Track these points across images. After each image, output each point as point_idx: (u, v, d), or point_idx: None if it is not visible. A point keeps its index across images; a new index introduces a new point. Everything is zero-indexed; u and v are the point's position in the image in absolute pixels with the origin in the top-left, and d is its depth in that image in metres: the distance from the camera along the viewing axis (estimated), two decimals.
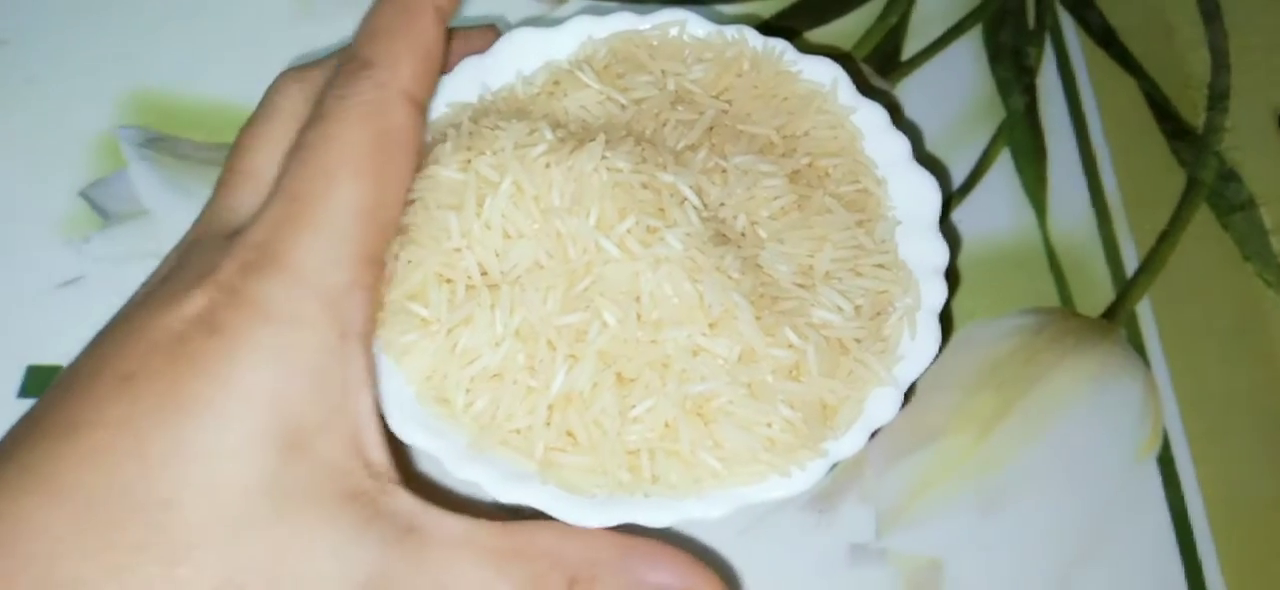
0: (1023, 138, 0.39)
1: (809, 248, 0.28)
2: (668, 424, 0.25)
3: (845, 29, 0.41)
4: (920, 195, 0.30)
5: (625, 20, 0.31)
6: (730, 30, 0.31)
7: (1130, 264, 0.36)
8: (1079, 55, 0.40)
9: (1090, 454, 0.33)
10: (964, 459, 0.33)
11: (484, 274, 0.26)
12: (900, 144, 0.30)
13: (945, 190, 0.37)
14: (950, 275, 0.29)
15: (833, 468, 0.26)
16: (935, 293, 0.28)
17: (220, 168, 0.36)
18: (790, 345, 0.26)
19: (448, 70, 0.30)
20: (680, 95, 0.30)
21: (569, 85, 0.30)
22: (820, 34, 0.40)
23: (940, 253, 0.29)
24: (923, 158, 0.33)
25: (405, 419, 0.25)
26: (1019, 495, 0.32)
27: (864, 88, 0.31)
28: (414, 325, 0.26)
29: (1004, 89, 0.39)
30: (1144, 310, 0.36)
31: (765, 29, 0.31)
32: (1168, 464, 0.33)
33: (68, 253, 0.35)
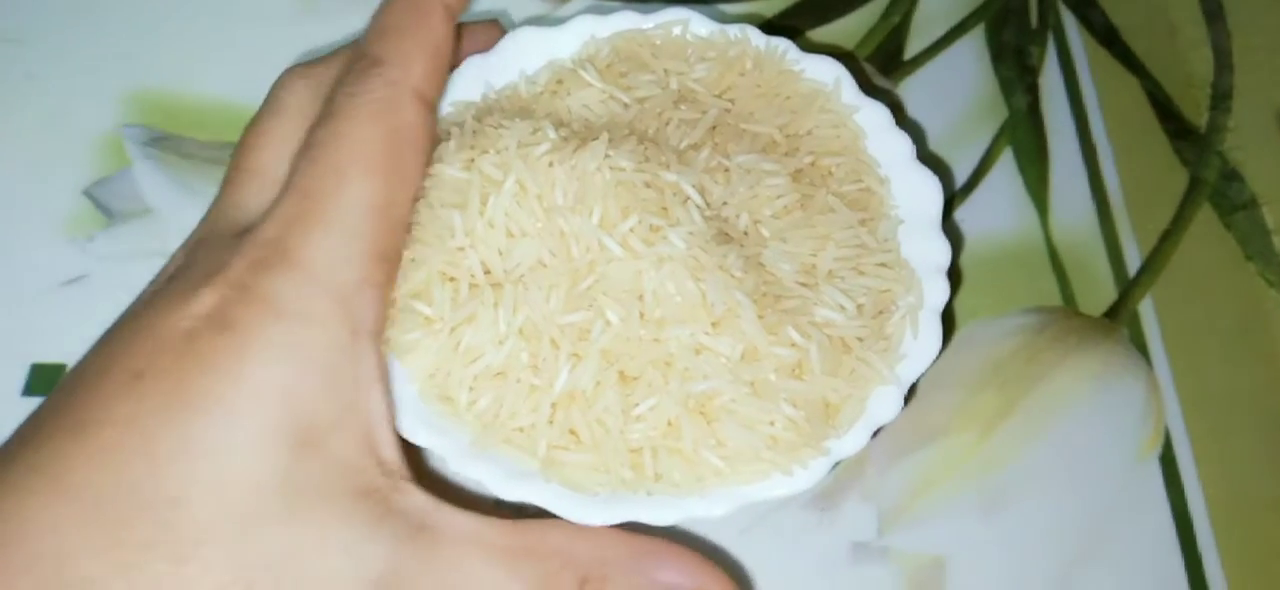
0: (1025, 137, 0.39)
1: (812, 247, 0.28)
2: (670, 422, 0.25)
3: (848, 28, 0.41)
4: (923, 194, 0.30)
5: (628, 19, 0.31)
6: (733, 29, 0.31)
7: (1132, 263, 0.36)
8: (1081, 54, 0.40)
9: (1092, 453, 0.33)
10: (966, 458, 0.33)
11: (487, 272, 0.26)
12: (903, 143, 0.30)
13: (948, 189, 0.37)
14: (952, 274, 0.29)
15: (835, 466, 0.26)
16: (937, 292, 0.28)
17: (224, 166, 0.36)
18: (793, 344, 0.26)
19: (455, 67, 0.30)
20: (683, 94, 0.30)
21: (572, 84, 0.30)
22: (823, 33, 0.40)
23: (942, 252, 0.29)
24: (925, 157, 0.33)
25: (408, 417, 0.25)
26: (1021, 494, 0.32)
27: (866, 87, 0.31)
28: (417, 323, 0.26)
29: (1006, 88, 0.39)
30: (1146, 310, 0.36)
31: (768, 28, 0.31)
32: (1170, 463, 0.33)
33: (72, 251, 0.35)
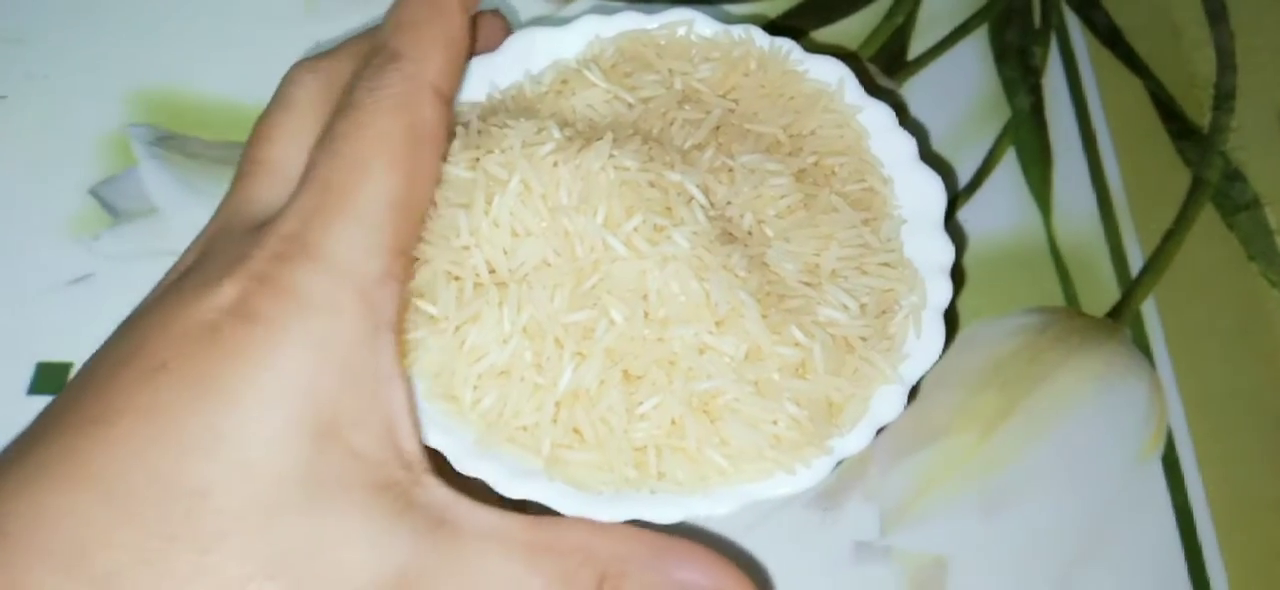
0: (1028, 137, 0.39)
1: (815, 246, 0.28)
2: (674, 421, 0.25)
3: (851, 29, 0.41)
4: (926, 194, 0.30)
5: (632, 19, 0.31)
6: (737, 30, 0.31)
7: (1135, 263, 0.36)
8: (1085, 55, 0.40)
9: (1094, 453, 0.33)
10: (968, 457, 0.33)
11: (492, 272, 0.26)
12: (906, 143, 0.30)
13: (951, 189, 0.37)
14: (955, 274, 0.29)
15: (838, 465, 0.26)
16: (940, 291, 0.28)
17: (230, 166, 0.36)
18: (796, 343, 0.26)
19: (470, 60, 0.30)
20: (687, 94, 0.30)
21: (577, 84, 0.30)
22: (827, 33, 0.40)
23: (946, 251, 0.29)
24: (928, 157, 0.33)
25: None
26: (1023, 494, 0.32)
27: (870, 87, 0.31)
28: (422, 322, 0.26)
29: (1010, 89, 0.40)
30: (1149, 310, 0.36)
31: (772, 28, 0.32)
32: (1172, 464, 0.33)
33: (78, 250, 0.35)
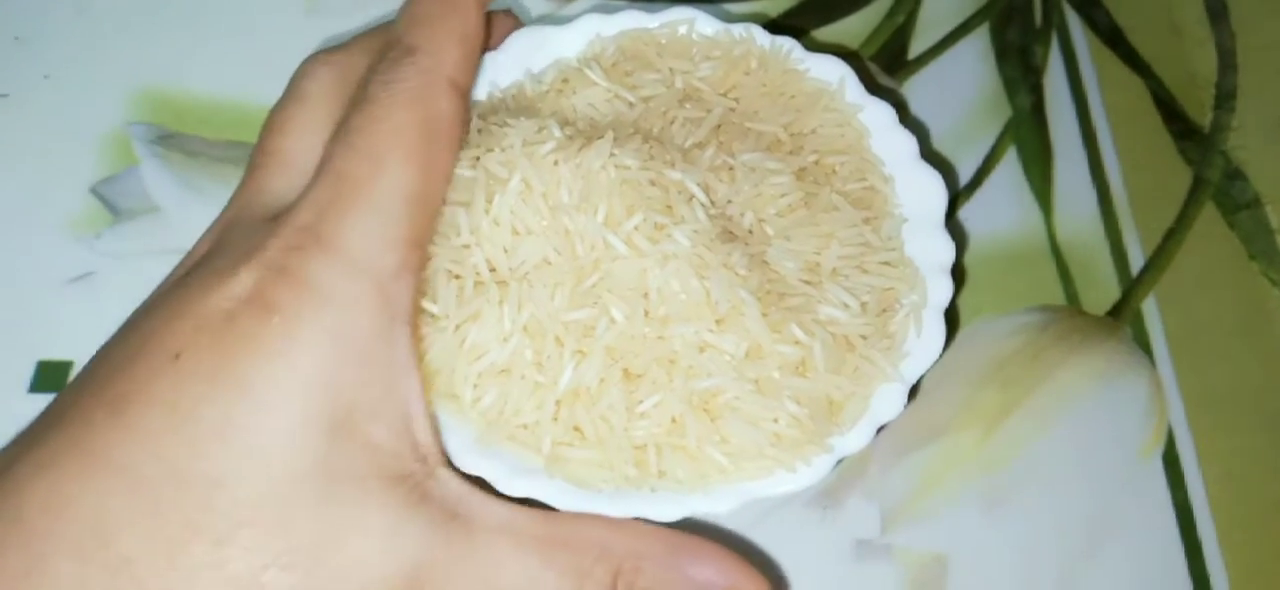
0: (1029, 136, 0.39)
1: (816, 245, 0.28)
2: (674, 419, 0.25)
3: (852, 27, 0.41)
4: (927, 193, 0.30)
5: (633, 18, 0.31)
6: (738, 28, 0.31)
7: (1136, 262, 0.36)
8: (1086, 54, 0.40)
9: (1095, 452, 0.33)
10: (969, 456, 0.33)
11: (492, 270, 0.26)
12: (907, 142, 0.30)
13: (952, 188, 0.37)
14: (956, 273, 0.29)
15: (838, 463, 0.26)
16: (941, 290, 0.28)
17: (232, 165, 0.37)
18: (797, 341, 0.26)
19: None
20: (688, 93, 0.30)
21: (577, 83, 0.30)
22: (827, 32, 0.40)
23: (946, 250, 0.29)
24: (929, 155, 0.33)
25: None
26: (1023, 493, 0.32)
27: (871, 86, 0.31)
28: (422, 320, 0.26)
29: (1011, 87, 0.40)
30: (1149, 308, 0.36)
31: (773, 27, 0.32)
32: (1172, 462, 0.33)
33: (79, 249, 0.35)
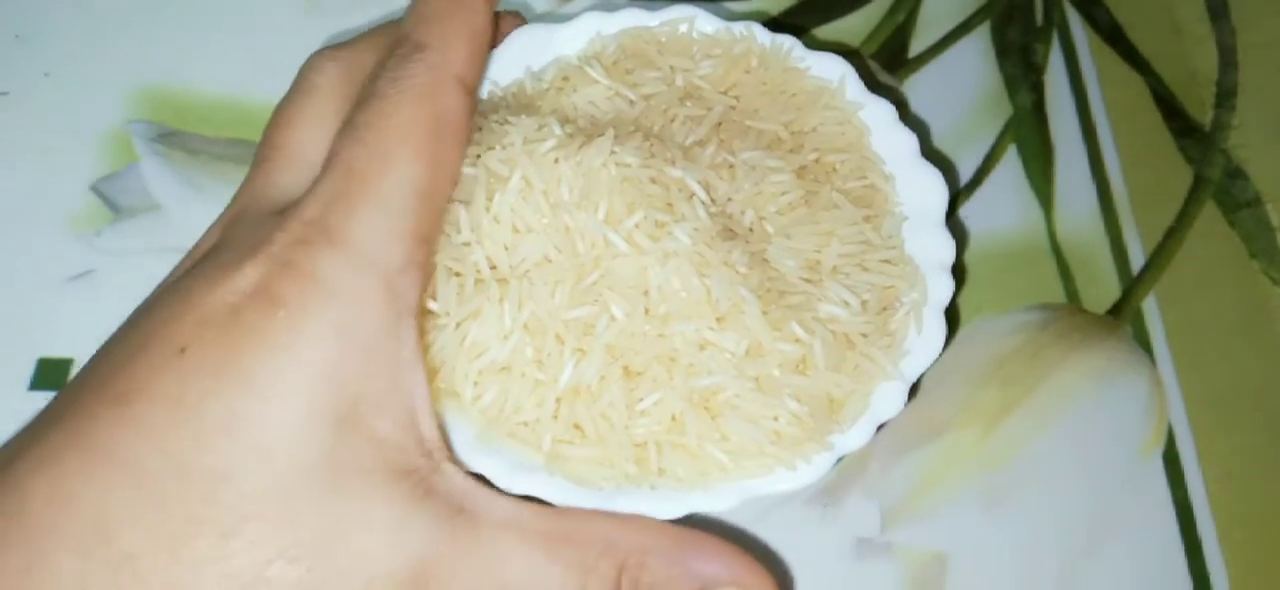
0: (1030, 134, 0.39)
1: (816, 243, 0.28)
2: (675, 417, 0.25)
3: (853, 26, 0.41)
4: (927, 191, 0.30)
5: (634, 16, 0.31)
6: (738, 27, 0.31)
7: (1136, 261, 0.36)
8: (1086, 52, 0.40)
9: (1095, 450, 0.33)
10: (969, 454, 0.33)
11: (493, 268, 0.26)
12: (907, 140, 0.30)
13: (952, 186, 0.37)
14: (956, 271, 0.29)
15: (838, 461, 0.26)
16: (941, 288, 0.28)
17: (232, 163, 0.37)
18: (797, 340, 0.26)
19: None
20: (689, 91, 0.30)
21: (578, 81, 0.30)
22: (828, 30, 0.40)
23: (947, 248, 0.29)
24: (930, 154, 0.33)
25: None
26: (1024, 491, 0.32)
27: (871, 84, 0.31)
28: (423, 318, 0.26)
29: (1011, 86, 0.40)
30: (1150, 307, 0.36)
31: (773, 26, 0.32)
32: (1172, 461, 0.33)
33: (79, 247, 0.35)
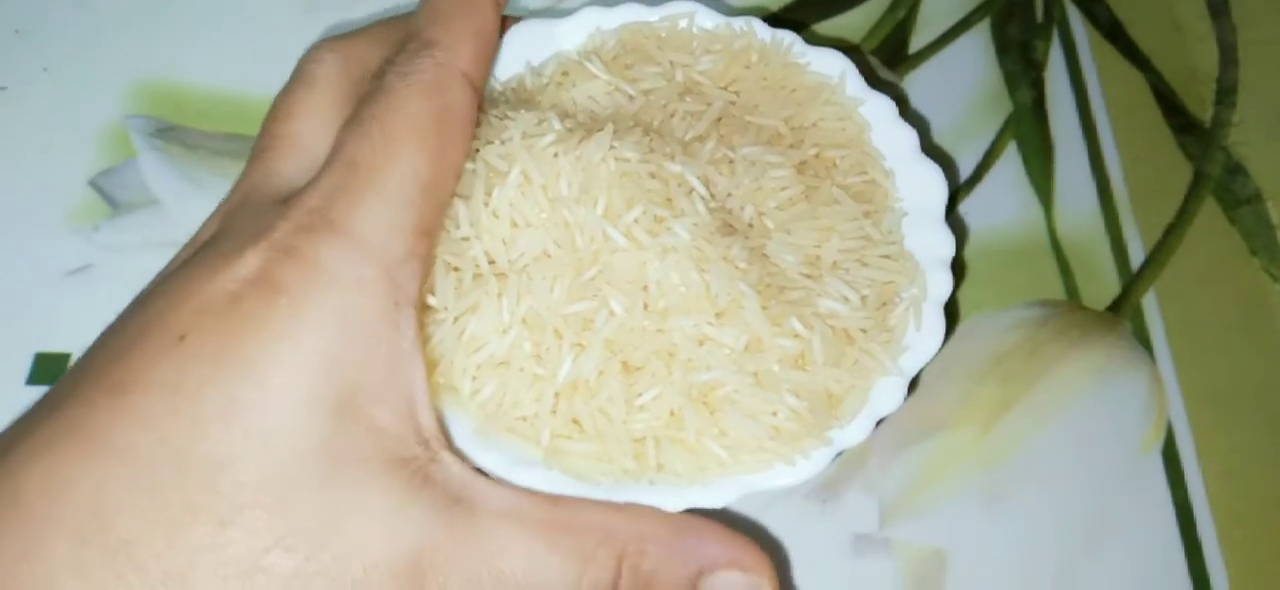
0: (1030, 131, 0.39)
1: (816, 238, 0.28)
2: (673, 412, 0.25)
3: (853, 22, 0.41)
4: (927, 187, 0.30)
5: (634, 11, 0.31)
6: (739, 22, 0.31)
7: (1136, 257, 0.36)
8: (1086, 49, 0.40)
9: (1094, 447, 0.33)
10: (968, 450, 0.33)
11: (491, 263, 0.26)
12: (908, 136, 0.30)
13: (952, 182, 0.37)
14: (956, 267, 0.29)
15: (837, 457, 0.26)
16: (941, 284, 0.28)
17: (230, 157, 0.37)
18: (796, 335, 0.26)
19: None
20: (688, 86, 0.30)
21: (577, 76, 0.30)
22: (828, 26, 0.40)
23: (946, 244, 0.29)
24: (930, 150, 0.33)
25: None
26: (1023, 487, 0.32)
27: (872, 80, 0.31)
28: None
29: (1011, 82, 0.39)
30: (1149, 304, 0.36)
31: (773, 21, 0.32)
32: (1172, 458, 0.33)
33: (77, 241, 0.35)
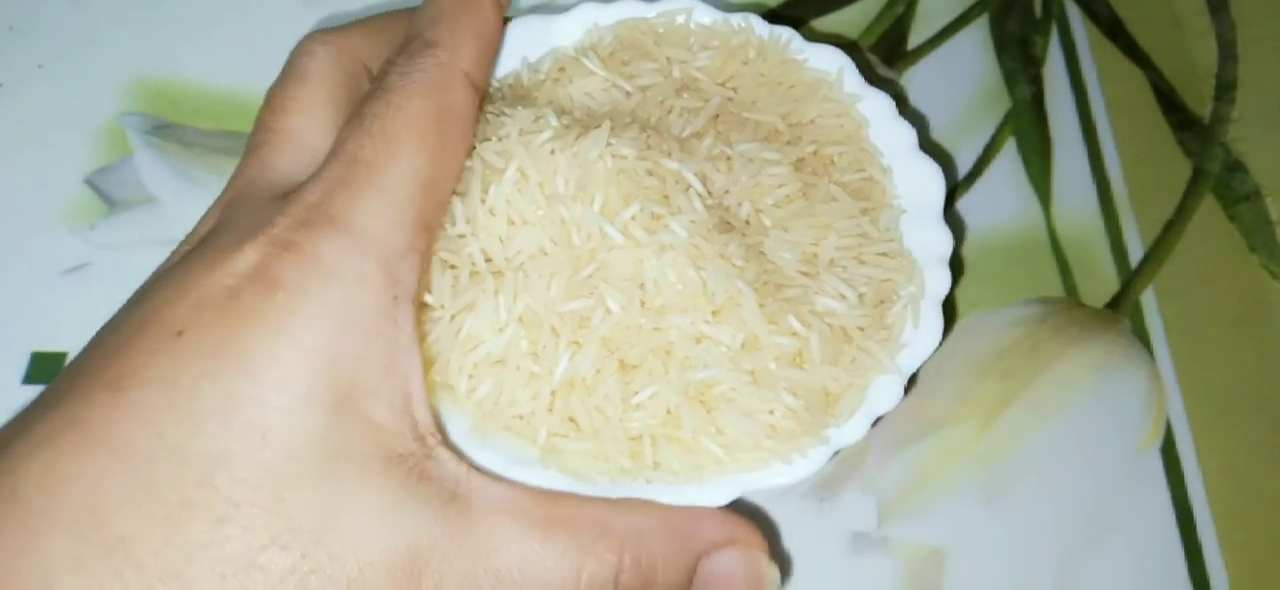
0: (1029, 128, 0.38)
1: (813, 235, 0.28)
2: (670, 411, 0.25)
3: (851, 18, 0.40)
4: (925, 184, 0.30)
5: (631, 7, 0.31)
6: (736, 18, 0.31)
7: (1135, 254, 0.36)
8: (1085, 45, 0.40)
9: (1093, 444, 0.33)
10: (967, 448, 0.33)
11: (488, 260, 0.26)
12: (906, 133, 0.30)
13: (950, 179, 0.37)
14: (954, 264, 0.29)
15: (835, 455, 0.26)
16: (939, 281, 0.28)
17: (226, 154, 0.37)
18: (793, 333, 0.26)
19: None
20: (686, 82, 0.30)
21: (574, 72, 0.30)
22: (826, 23, 0.40)
23: (944, 242, 0.29)
24: (928, 147, 0.33)
25: None
26: (1021, 485, 0.32)
27: (870, 76, 0.31)
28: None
29: (1010, 79, 0.39)
30: (1148, 301, 0.36)
31: (771, 17, 0.31)
32: (1171, 455, 0.33)
33: (73, 240, 0.35)
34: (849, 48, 0.36)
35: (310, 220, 0.23)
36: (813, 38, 0.31)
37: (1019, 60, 0.40)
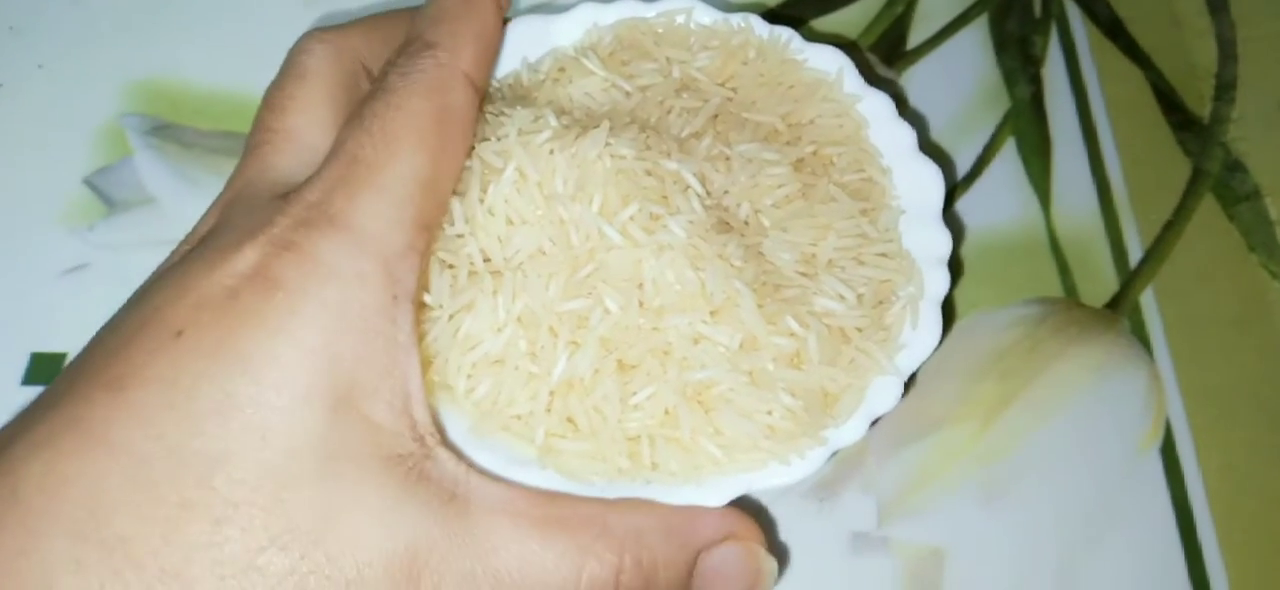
0: (1028, 128, 0.38)
1: (812, 236, 0.28)
2: (668, 411, 0.25)
3: (851, 18, 0.40)
4: (924, 184, 0.30)
5: (631, 7, 0.31)
6: (736, 18, 0.31)
7: (1134, 255, 0.36)
8: (1085, 45, 0.40)
9: (1093, 444, 0.33)
10: (966, 448, 0.33)
11: (486, 260, 0.26)
12: (905, 133, 0.30)
13: (950, 180, 0.37)
14: (953, 265, 0.29)
15: (833, 456, 0.26)
16: (938, 282, 0.28)
17: (226, 155, 0.37)
18: (792, 333, 0.26)
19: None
20: (685, 82, 0.30)
21: (574, 72, 0.30)
22: (826, 23, 0.40)
23: (943, 242, 0.29)
24: (928, 147, 0.33)
25: None
26: (1021, 485, 0.32)
27: (870, 77, 0.31)
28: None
29: (1010, 79, 0.39)
30: (1148, 301, 0.36)
31: (771, 17, 0.31)
32: (1170, 455, 0.33)
33: (72, 240, 0.35)
34: (849, 48, 0.36)
35: (310, 220, 0.23)
36: (812, 38, 0.31)
37: (1018, 60, 0.40)
